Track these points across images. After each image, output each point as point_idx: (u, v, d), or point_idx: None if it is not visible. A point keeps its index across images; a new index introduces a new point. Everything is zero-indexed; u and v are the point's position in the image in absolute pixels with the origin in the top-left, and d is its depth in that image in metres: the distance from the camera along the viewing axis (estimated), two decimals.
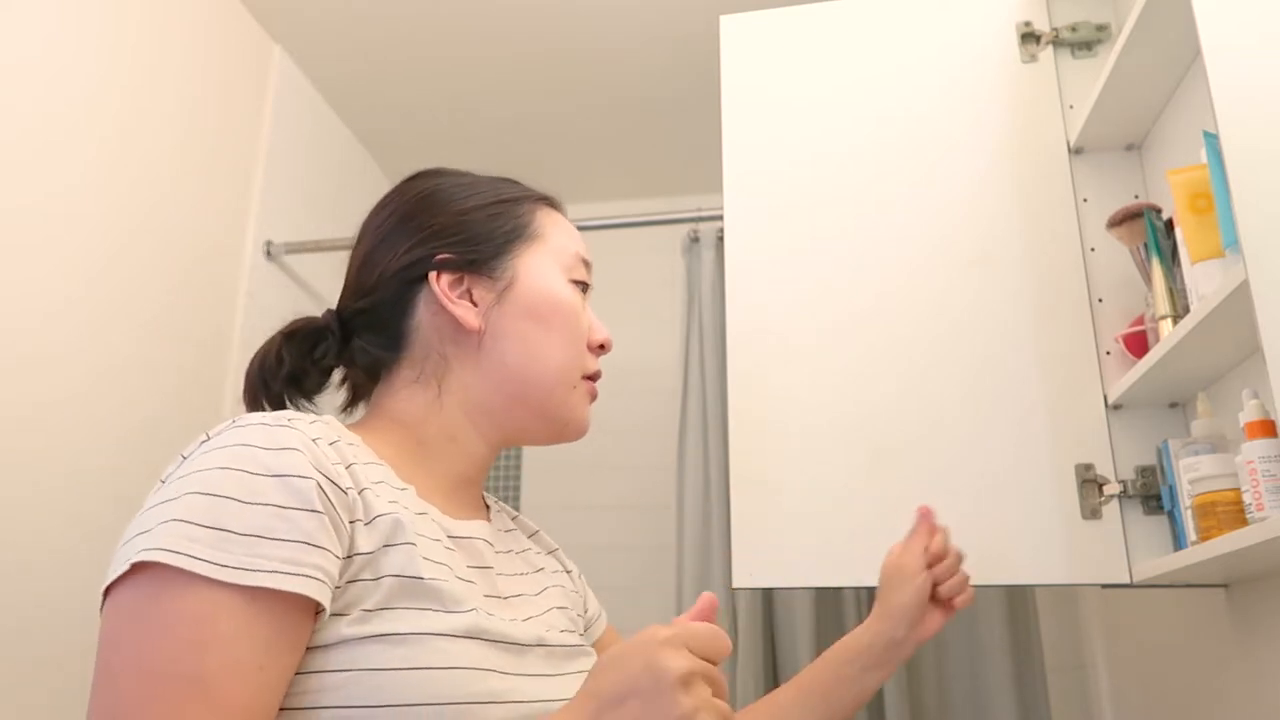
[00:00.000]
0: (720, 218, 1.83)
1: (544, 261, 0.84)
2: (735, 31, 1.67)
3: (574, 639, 0.82)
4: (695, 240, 2.39)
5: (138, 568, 0.58)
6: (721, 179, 1.59)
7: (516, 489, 2.75)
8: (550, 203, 0.90)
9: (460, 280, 0.82)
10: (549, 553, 0.94)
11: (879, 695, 2.03)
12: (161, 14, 1.94)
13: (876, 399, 1.44)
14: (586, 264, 0.88)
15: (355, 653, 0.61)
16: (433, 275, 0.81)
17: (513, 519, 0.93)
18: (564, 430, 0.84)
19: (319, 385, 0.84)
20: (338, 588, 0.63)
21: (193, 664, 0.56)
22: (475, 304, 0.81)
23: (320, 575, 0.61)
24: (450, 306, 0.80)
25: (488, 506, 0.88)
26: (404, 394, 0.81)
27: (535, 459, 2.81)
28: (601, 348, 0.87)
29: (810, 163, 1.57)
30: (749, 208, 1.57)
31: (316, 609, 0.62)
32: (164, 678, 0.56)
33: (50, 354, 1.61)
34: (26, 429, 1.55)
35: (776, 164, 1.59)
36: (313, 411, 0.80)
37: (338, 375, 0.87)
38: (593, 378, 0.86)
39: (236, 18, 2.19)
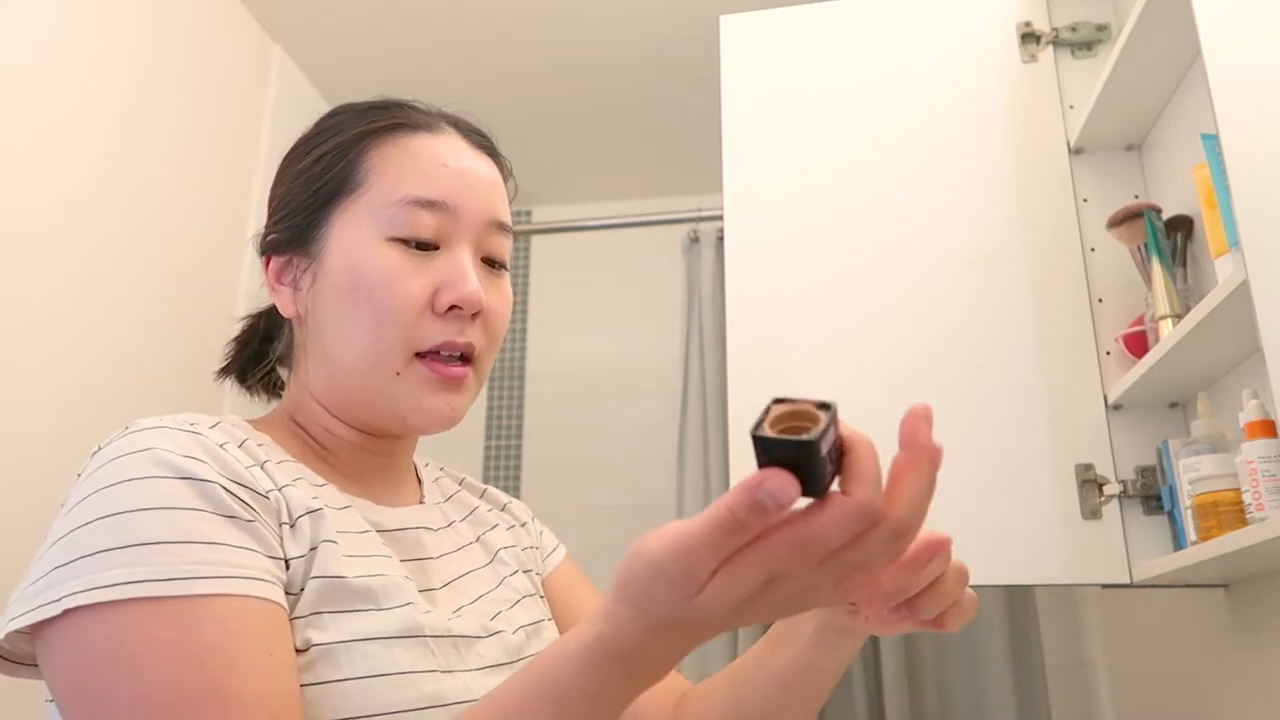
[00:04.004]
0: (720, 218, 1.83)
1: (355, 223, 0.69)
2: (735, 31, 1.67)
3: (536, 609, 0.77)
4: (695, 240, 2.40)
5: (79, 611, 0.53)
6: (721, 179, 1.59)
7: (516, 489, 2.75)
8: (397, 126, 0.74)
9: (290, 262, 0.72)
10: (501, 508, 0.86)
11: (878, 694, 2.03)
12: (162, 14, 1.94)
13: (876, 398, 1.44)
14: (429, 204, 0.69)
15: None
16: (263, 259, 0.74)
17: (459, 482, 0.86)
18: (407, 424, 0.70)
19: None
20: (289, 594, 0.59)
21: (198, 679, 0.52)
22: (299, 287, 0.72)
23: (268, 577, 0.57)
24: (271, 293, 0.73)
25: (420, 480, 0.81)
26: (288, 388, 0.76)
27: (535, 459, 2.81)
28: (455, 309, 0.68)
29: (810, 163, 1.57)
30: (749, 208, 1.57)
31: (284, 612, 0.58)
32: (172, 708, 0.51)
33: (51, 355, 1.61)
34: (27, 431, 1.55)
35: (776, 164, 1.59)
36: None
37: None
38: (438, 351, 0.68)
39: (236, 18, 2.19)
